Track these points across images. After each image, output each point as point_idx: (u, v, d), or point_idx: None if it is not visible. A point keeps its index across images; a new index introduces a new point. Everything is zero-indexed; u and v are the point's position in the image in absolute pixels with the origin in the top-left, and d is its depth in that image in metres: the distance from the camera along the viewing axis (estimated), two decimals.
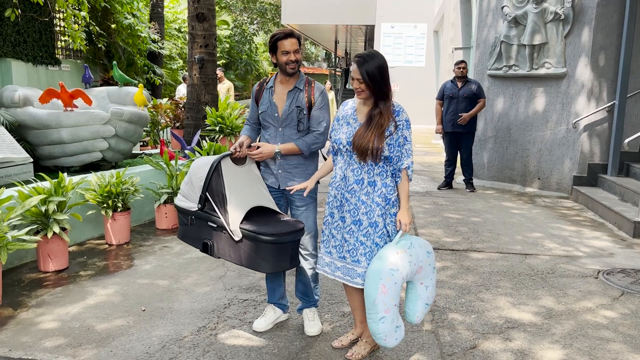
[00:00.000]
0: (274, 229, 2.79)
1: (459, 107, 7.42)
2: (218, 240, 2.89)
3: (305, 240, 3.11)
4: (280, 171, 3.10)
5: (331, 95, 16.55)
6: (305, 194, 2.96)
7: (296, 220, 2.96)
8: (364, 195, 2.72)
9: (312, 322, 3.23)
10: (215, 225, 2.87)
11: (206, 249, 2.93)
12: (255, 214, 2.88)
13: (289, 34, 2.98)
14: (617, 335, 3.25)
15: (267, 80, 3.18)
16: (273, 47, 3.00)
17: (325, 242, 2.91)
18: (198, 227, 2.97)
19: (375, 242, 2.73)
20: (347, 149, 2.73)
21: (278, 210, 3.02)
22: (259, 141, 3.20)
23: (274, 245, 2.77)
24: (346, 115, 2.83)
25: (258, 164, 3.18)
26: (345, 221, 2.78)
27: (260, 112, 3.14)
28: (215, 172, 2.89)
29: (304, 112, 3.03)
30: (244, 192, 2.93)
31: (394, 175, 2.74)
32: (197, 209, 2.93)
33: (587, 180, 7.22)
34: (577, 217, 6.23)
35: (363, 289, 2.79)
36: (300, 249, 3.13)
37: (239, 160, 3.05)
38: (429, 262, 2.76)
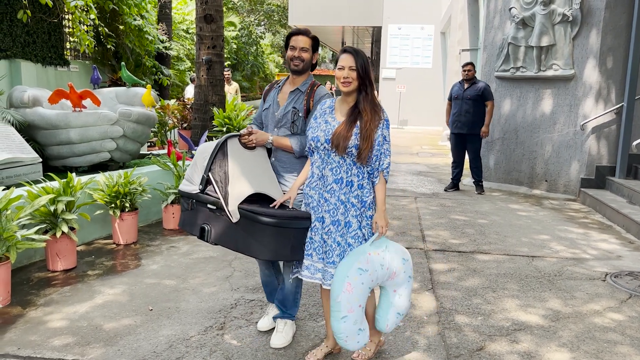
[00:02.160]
0: (275, 211, 2.68)
1: (463, 108, 7.42)
2: (215, 224, 2.75)
3: None
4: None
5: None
6: (290, 206, 2.83)
7: (299, 210, 2.84)
8: (342, 194, 2.66)
9: (279, 334, 3.08)
10: (215, 207, 2.74)
11: (203, 234, 2.79)
12: (259, 202, 2.77)
13: (303, 32, 2.97)
14: (625, 338, 3.24)
15: (280, 81, 3.19)
16: (286, 42, 3.01)
17: (305, 245, 2.78)
18: (197, 212, 2.86)
19: (348, 243, 2.66)
20: (324, 147, 2.67)
21: (284, 202, 2.88)
22: None
23: (274, 229, 2.63)
24: (324, 113, 2.77)
25: (269, 152, 3.09)
26: (325, 222, 2.70)
27: (264, 109, 3.14)
28: (220, 151, 2.82)
29: (300, 115, 2.97)
30: (249, 175, 2.82)
31: (370, 176, 2.69)
32: (198, 191, 2.84)
33: (595, 183, 7.18)
34: (584, 220, 6.20)
35: None
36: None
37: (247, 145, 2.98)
38: (404, 269, 2.69)
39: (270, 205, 2.77)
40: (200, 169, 2.84)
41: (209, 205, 2.78)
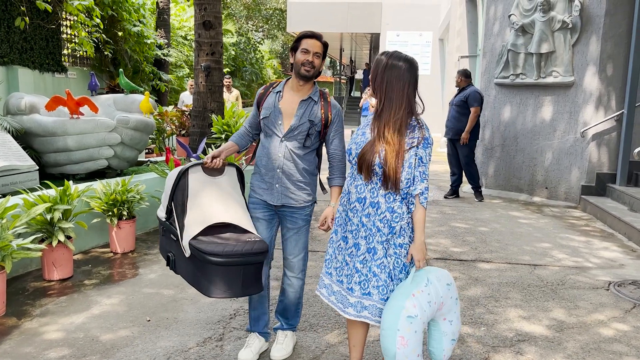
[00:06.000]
0: (223, 248, 2.50)
1: (450, 114, 7.67)
2: (177, 254, 2.66)
3: (293, 262, 2.93)
4: (277, 185, 2.82)
5: None
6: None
7: (260, 241, 2.63)
8: (364, 216, 2.43)
9: (280, 346, 3.00)
10: (175, 239, 2.65)
11: (169, 262, 2.72)
12: (222, 230, 2.64)
13: (316, 36, 2.75)
14: (631, 349, 3.19)
15: (275, 85, 2.91)
16: (295, 44, 2.77)
17: (327, 262, 2.63)
18: (167, 239, 2.77)
19: (373, 272, 2.41)
20: (355, 162, 2.48)
21: (248, 229, 2.71)
22: (257, 148, 2.96)
23: (220, 268, 2.48)
24: (366, 124, 2.55)
25: (241, 175, 2.90)
26: (348, 242, 2.51)
27: (262, 117, 2.84)
28: (181, 180, 2.67)
29: (317, 129, 2.79)
30: (210, 205, 2.67)
31: (404, 200, 2.40)
32: (164, 219, 2.75)
33: (596, 190, 7.15)
34: (586, 227, 6.16)
35: (367, 324, 2.59)
36: (285, 270, 2.98)
37: (213, 171, 2.78)
38: (450, 295, 2.45)
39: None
40: (166, 198, 2.74)
41: (171, 235, 2.71)
